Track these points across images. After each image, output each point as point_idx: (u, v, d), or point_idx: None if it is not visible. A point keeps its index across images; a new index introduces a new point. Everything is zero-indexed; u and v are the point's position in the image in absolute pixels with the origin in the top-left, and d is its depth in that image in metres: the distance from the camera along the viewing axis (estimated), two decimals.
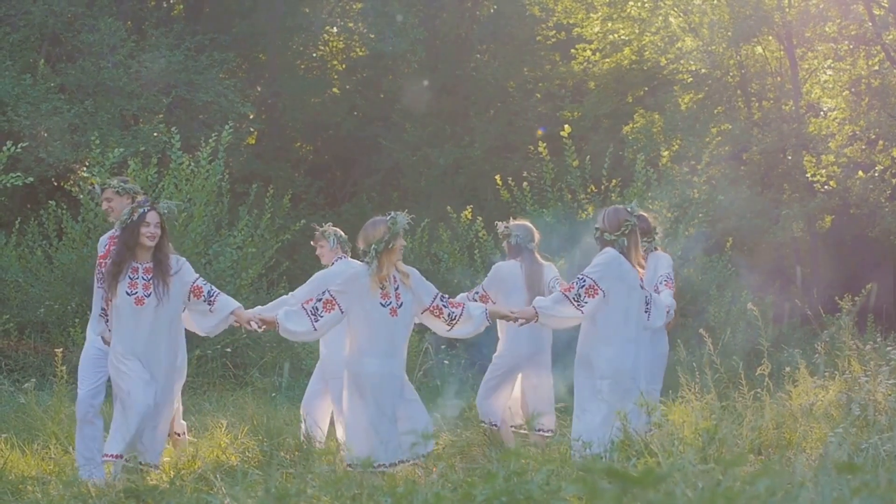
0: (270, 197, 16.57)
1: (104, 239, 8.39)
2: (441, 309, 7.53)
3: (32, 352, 13.84)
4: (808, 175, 19.98)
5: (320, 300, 7.36)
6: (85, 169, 14.88)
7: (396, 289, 7.39)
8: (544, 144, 17.98)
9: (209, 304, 7.65)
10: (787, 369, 10.16)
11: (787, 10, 20.08)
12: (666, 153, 18.69)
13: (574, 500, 4.82)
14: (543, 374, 9.40)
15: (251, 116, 22.79)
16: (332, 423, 9.20)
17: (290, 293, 9.37)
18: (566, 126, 18.09)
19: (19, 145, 13.33)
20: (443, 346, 14.12)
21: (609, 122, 23.33)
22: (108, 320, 7.69)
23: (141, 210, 7.53)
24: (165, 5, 24.41)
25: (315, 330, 7.39)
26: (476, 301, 8.93)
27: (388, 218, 7.40)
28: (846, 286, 16.13)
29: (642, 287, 7.76)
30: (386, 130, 24.68)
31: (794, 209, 19.49)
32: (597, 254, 7.75)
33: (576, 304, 7.46)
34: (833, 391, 9.15)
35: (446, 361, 14.06)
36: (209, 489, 6.77)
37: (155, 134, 18.26)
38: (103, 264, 8.02)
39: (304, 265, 17.96)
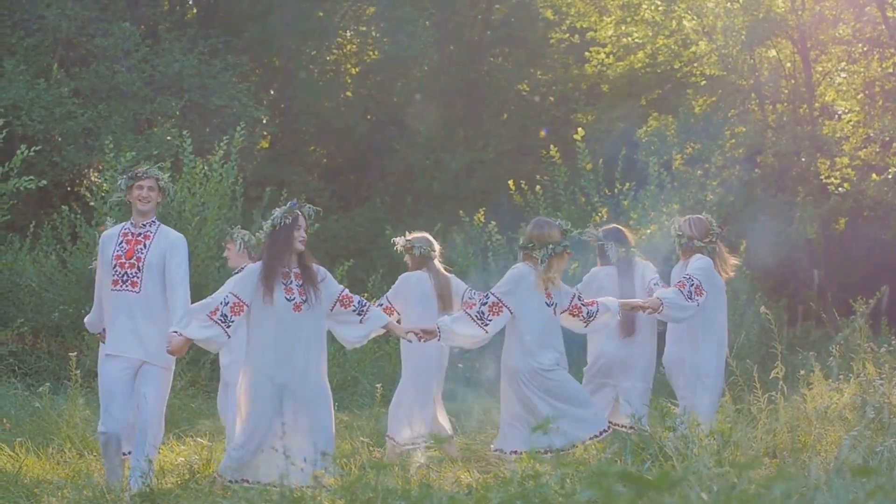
0: (284, 201, 16.58)
1: (114, 234, 7.73)
2: (580, 308, 7.77)
3: (47, 356, 13.88)
4: (822, 177, 19.91)
5: (485, 304, 7.45)
6: (98, 173, 14.93)
7: (548, 290, 7.58)
8: (556, 147, 17.96)
9: (359, 315, 7.30)
10: (802, 372, 10.12)
11: (801, 12, 20.02)
12: (679, 156, 18.65)
13: None
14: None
15: (265, 120, 22.84)
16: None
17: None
18: (579, 129, 18.08)
19: (33, 149, 13.41)
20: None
21: (622, 125, 23.29)
22: (228, 326, 7.03)
23: (296, 212, 7.20)
24: (179, 9, 24.46)
25: (486, 333, 7.50)
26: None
27: (557, 223, 7.59)
28: (860, 288, 16.07)
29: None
30: (399, 134, 24.70)
31: (808, 211, 19.42)
32: (690, 259, 8.28)
33: (690, 299, 7.90)
34: (848, 394, 9.12)
35: (460, 365, 14.04)
36: (224, 493, 6.78)
37: (168, 138, 18.29)
38: (125, 265, 7.51)
39: None
